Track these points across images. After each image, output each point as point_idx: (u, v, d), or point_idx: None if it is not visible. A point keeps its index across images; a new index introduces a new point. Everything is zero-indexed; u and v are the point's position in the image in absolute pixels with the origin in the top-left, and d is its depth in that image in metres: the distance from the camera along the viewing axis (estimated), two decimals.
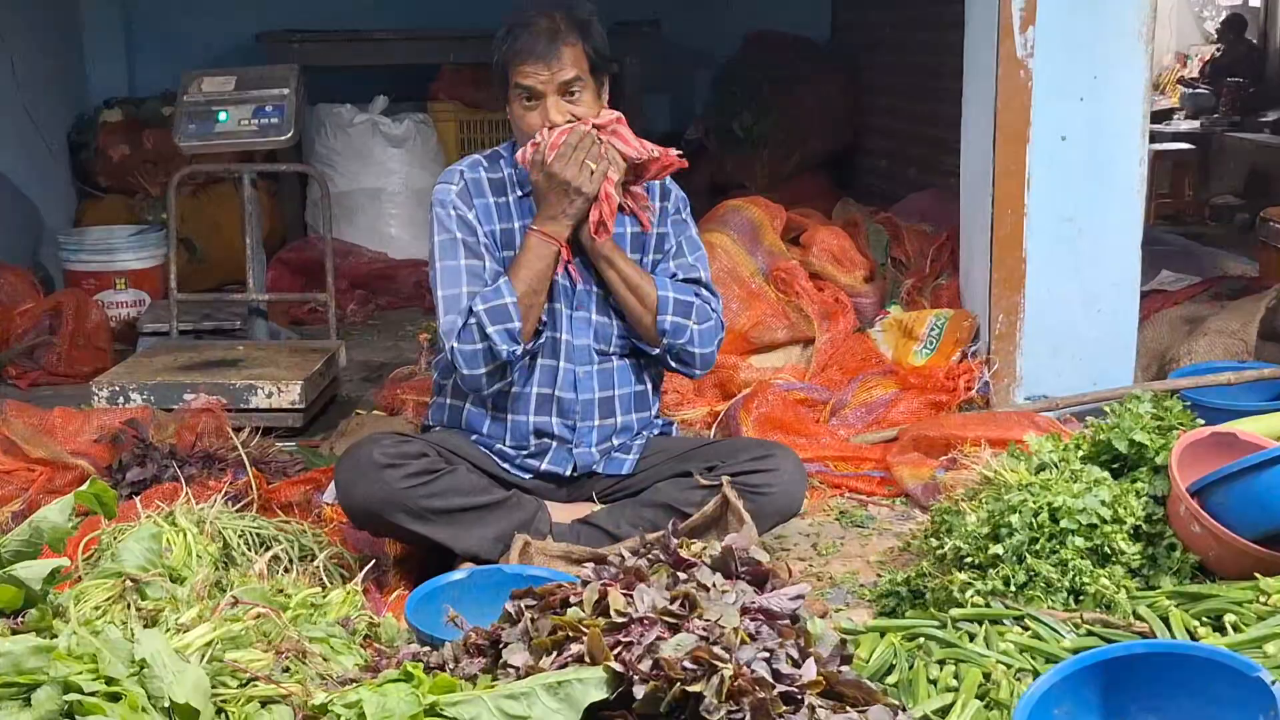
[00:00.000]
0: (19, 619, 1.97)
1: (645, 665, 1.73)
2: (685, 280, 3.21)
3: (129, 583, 2.14)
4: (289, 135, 5.02)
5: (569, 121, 2.98)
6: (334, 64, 6.78)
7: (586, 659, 1.81)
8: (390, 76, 6.96)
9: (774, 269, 4.76)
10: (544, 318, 3.12)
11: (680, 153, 3.10)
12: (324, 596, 2.54)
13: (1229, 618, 2.36)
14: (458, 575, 2.83)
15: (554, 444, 3.19)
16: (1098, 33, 3.88)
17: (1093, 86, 3.90)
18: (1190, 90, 9.68)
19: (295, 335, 5.37)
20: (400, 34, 7.20)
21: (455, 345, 3.08)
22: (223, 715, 1.84)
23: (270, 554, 2.74)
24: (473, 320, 3.04)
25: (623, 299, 3.12)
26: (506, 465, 3.18)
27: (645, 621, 1.83)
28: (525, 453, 3.19)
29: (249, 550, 2.77)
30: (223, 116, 4.99)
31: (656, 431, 3.34)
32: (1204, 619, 2.40)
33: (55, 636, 1.83)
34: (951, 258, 4.70)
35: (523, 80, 3.02)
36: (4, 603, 1.97)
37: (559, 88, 3.00)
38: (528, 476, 3.20)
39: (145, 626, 1.98)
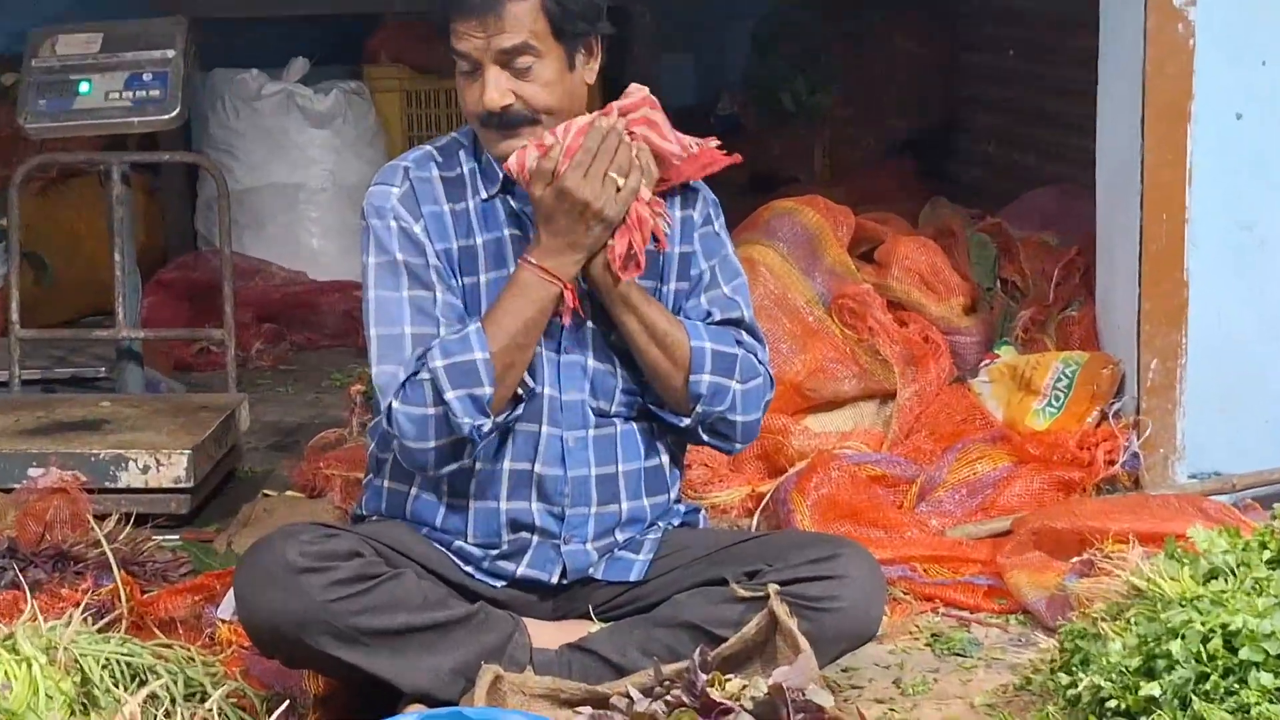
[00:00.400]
0: None
1: None
2: (722, 321, 3.20)
3: None
4: (174, 113, 5.05)
5: (505, 113, 2.95)
6: (235, 14, 6.84)
7: None
8: (312, 31, 7.06)
9: (839, 296, 4.75)
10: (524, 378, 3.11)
11: (720, 144, 3.08)
12: None
13: None
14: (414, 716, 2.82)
15: (535, 539, 3.14)
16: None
17: (1277, 47, 3.90)
18: None
19: (182, 387, 5.40)
20: None
21: (396, 406, 3.04)
22: None
23: (146, 691, 2.72)
24: (425, 376, 3.00)
25: (644, 353, 3.08)
26: (470, 569, 3.15)
27: None
28: (496, 552, 3.15)
29: (116, 686, 2.75)
30: (84, 88, 5.02)
31: (677, 522, 3.31)
32: None
33: None
34: (1085, 280, 4.69)
35: (456, 42, 3.00)
36: None
37: (497, 56, 2.95)
38: (500, 584, 3.16)
39: None
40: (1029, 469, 4.03)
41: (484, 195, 3.15)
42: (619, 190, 2.88)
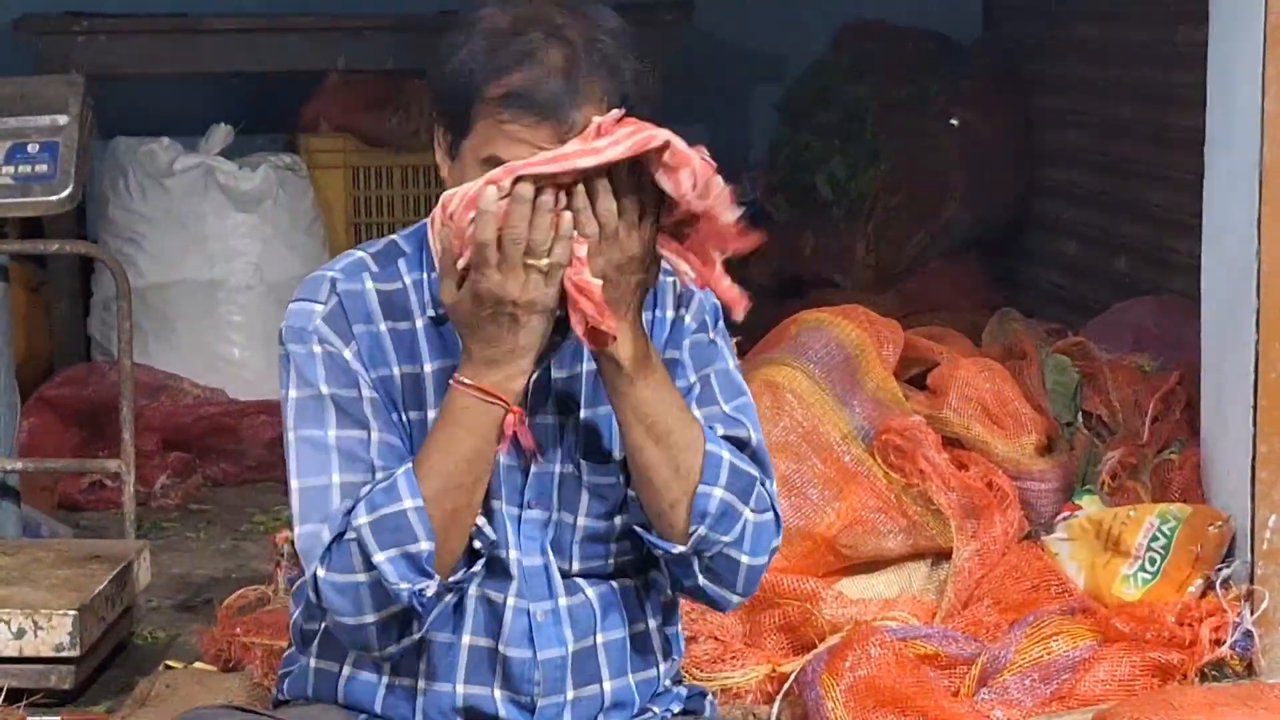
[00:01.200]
0: None
1: None
2: (726, 438, 3.16)
3: None
4: (66, 193, 5.09)
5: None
6: (143, 71, 6.92)
7: None
8: (238, 93, 7.12)
9: (883, 430, 4.72)
10: (480, 526, 3.04)
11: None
12: None
13: None
14: None
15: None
16: None
17: None
18: None
19: (68, 530, 5.41)
20: (255, 21, 7.37)
21: (321, 575, 2.98)
22: None
23: None
24: (350, 537, 2.92)
25: (638, 450, 2.94)
26: None
27: None
28: None
29: None
30: None
31: (677, 709, 3.28)
32: None
33: None
34: (1188, 416, 4.72)
35: (506, 149, 2.80)
36: None
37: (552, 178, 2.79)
38: None
39: None
40: (1117, 649, 3.99)
41: (432, 314, 3.05)
42: (545, 272, 2.71)
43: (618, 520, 3.06)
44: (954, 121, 7.70)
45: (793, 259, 7.58)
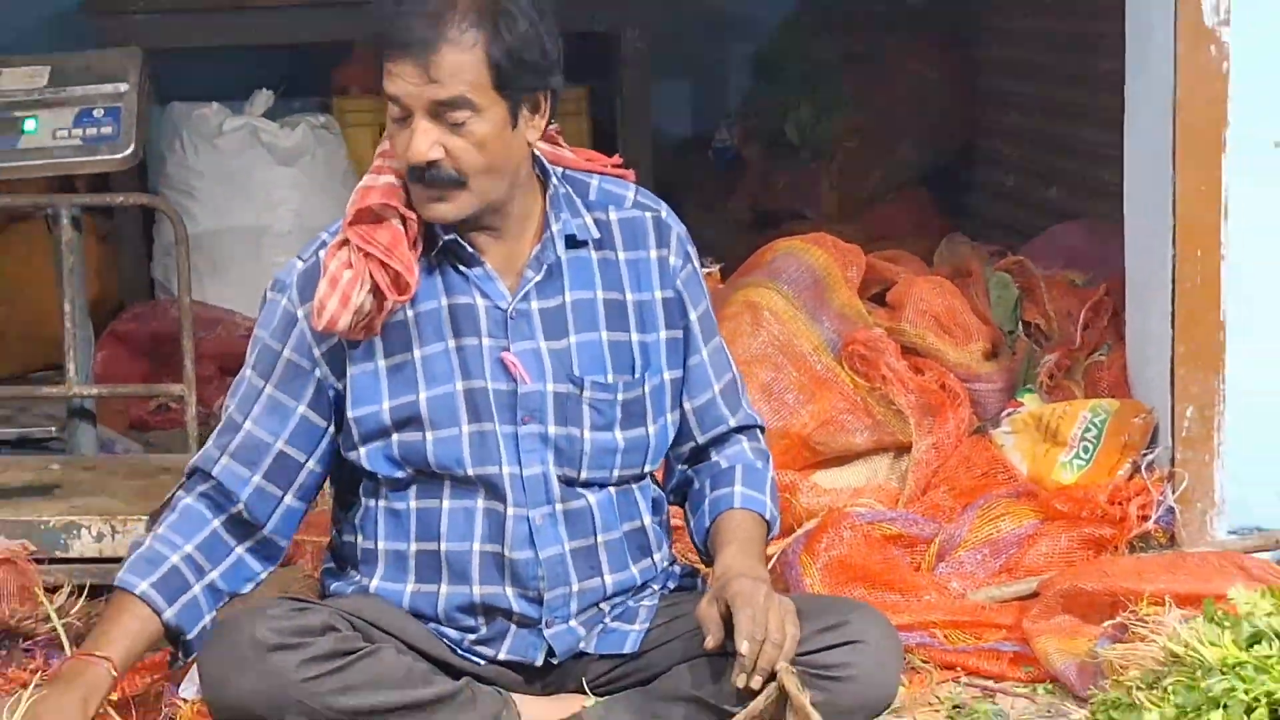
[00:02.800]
0: None
1: None
2: (724, 390, 3.27)
3: None
4: (128, 152, 5.05)
5: (431, 170, 2.87)
6: (194, 44, 6.91)
7: None
8: (278, 61, 7.12)
9: (849, 342, 4.71)
10: (465, 443, 3.09)
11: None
12: None
13: None
14: None
15: (513, 626, 3.12)
16: None
17: None
18: None
19: (139, 447, 5.41)
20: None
21: (182, 489, 3.16)
22: None
23: None
24: (200, 485, 3.14)
25: None
26: (452, 645, 3.17)
27: None
28: (473, 637, 3.14)
29: None
30: (30, 126, 5.02)
31: (674, 585, 3.30)
32: None
33: None
34: (1115, 323, 4.72)
35: (388, 84, 2.90)
36: None
37: (430, 106, 2.86)
38: (484, 662, 3.17)
39: None
40: (1056, 526, 4.03)
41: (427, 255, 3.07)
42: None
43: (619, 435, 3.11)
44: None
45: (767, 195, 7.57)
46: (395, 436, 3.09)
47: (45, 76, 5.12)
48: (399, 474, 3.10)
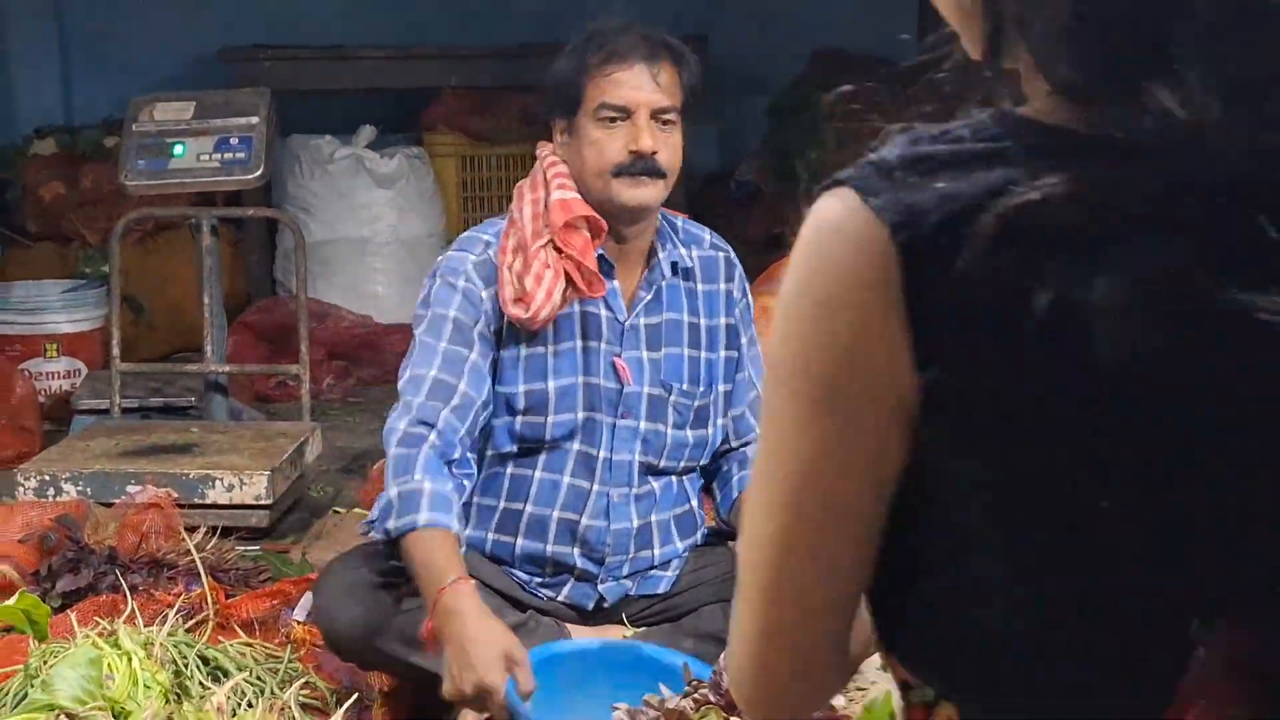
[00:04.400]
0: None
1: None
2: (753, 408, 3.23)
3: (64, 719, 2.15)
4: (258, 174, 5.08)
5: (651, 158, 2.92)
6: (311, 87, 6.87)
7: None
8: (378, 102, 7.08)
9: None
10: (576, 428, 3.09)
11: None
12: None
13: None
14: (586, 643, 2.92)
15: (573, 579, 3.14)
16: None
17: None
18: None
19: (261, 415, 5.41)
20: (390, 51, 7.25)
21: (392, 445, 3.04)
22: None
23: (230, 684, 2.73)
24: (394, 455, 3.00)
25: None
26: (521, 584, 3.17)
27: None
28: (538, 581, 3.16)
29: (205, 679, 2.76)
30: (178, 150, 5.05)
31: (702, 542, 3.30)
32: None
33: None
34: None
35: (613, 92, 2.91)
36: None
37: (653, 110, 2.92)
38: (544, 600, 3.17)
39: None
40: None
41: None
42: None
43: (689, 433, 3.14)
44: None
45: (779, 221, 7.53)
46: (520, 417, 3.10)
47: (191, 110, 5.15)
48: (508, 448, 3.12)
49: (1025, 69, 1.12)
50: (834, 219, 1.11)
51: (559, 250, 3.00)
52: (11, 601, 2.33)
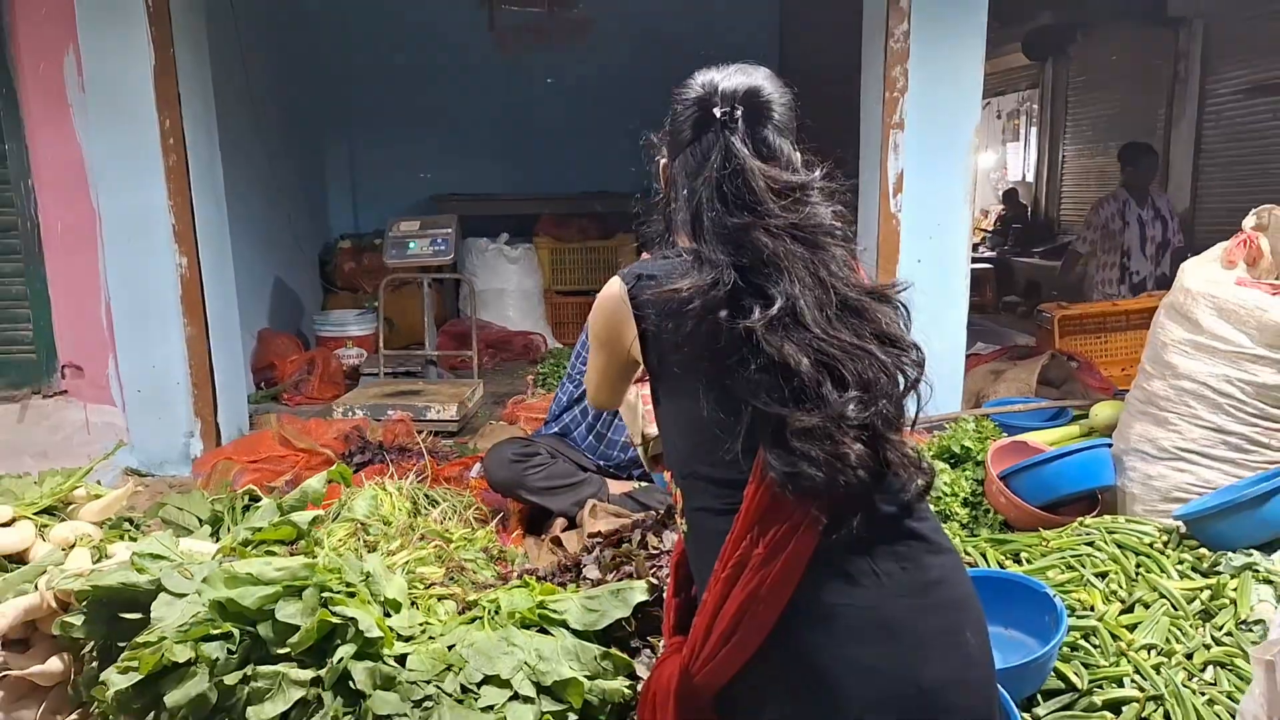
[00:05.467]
0: (293, 547, 1.99)
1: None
2: None
3: (359, 525, 2.15)
4: (450, 257, 5.09)
5: None
6: (476, 214, 6.81)
7: (635, 575, 1.80)
8: (510, 221, 6.99)
9: None
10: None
11: None
12: (473, 535, 2.55)
13: (1024, 555, 2.34)
14: None
15: (638, 469, 3.12)
16: (939, 197, 3.74)
17: (937, 229, 3.77)
18: (989, 232, 9.92)
19: (451, 376, 5.41)
20: (515, 196, 7.22)
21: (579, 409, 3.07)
22: (415, 605, 1.85)
23: (440, 508, 2.75)
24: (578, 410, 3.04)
25: None
26: (587, 460, 3.16)
27: (668, 554, 1.83)
28: (604, 463, 3.14)
29: (427, 506, 2.78)
30: (412, 245, 5.05)
31: None
32: (1007, 555, 2.38)
33: (315, 557, 1.85)
34: None
35: None
36: (285, 536, 1.99)
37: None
38: (596, 468, 3.16)
39: (369, 552, 1.99)
40: None
41: None
42: None
43: None
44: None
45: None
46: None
47: (418, 225, 5.15)
48: None
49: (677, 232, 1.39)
50: (612, 282, 1.41)
51: None
52: (334, 468, 2.33)
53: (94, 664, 1.64)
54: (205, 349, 3.81)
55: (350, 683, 1.47)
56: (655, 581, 1.74)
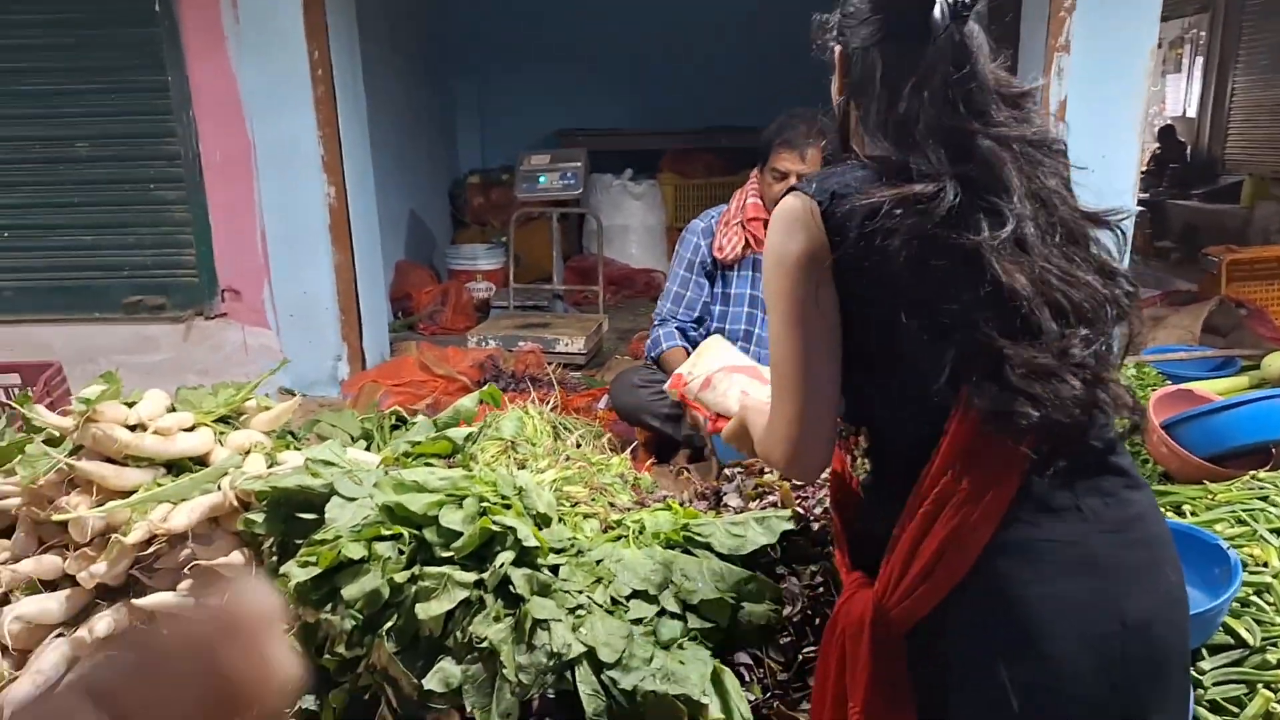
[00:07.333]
0: (449, 461, 2.08)
1: (817, 510, 1.73)
2: None
3: (508, 444, 2.23)
4: (578, 192, 5.13)
5: None
6: (602, 149, 6.82)
7: (779, 505, 1.81)
8: (634, 156, 6.97)
9: None
10: (742, 321, 3.00)
11: None
12: (607, 461, 2.61)
13: (1186, 508, 2.23)
14: None
15: None
16: (1106, 128, 3.51)
17: (1101, 163, 3.57)
18: (1142, 172, 9.30)
19: (578, 311, 5.50)
20: (640, 132, 7.19)
21: (655, 326, 3.07)
22: (562, 522, 1.92)
23: (577, 434, 2.81)
24: (658, 324, 3.02)
25: None
26: None
27: (814, 485, 1.83)
28: None
29: (565, 431, 2.85)
30: (542, 179, 5.12)
31: None
32: (1168, 507, 2.27)
33: (471, 471, 1.94)
34: None
35: (778, 164, 2.79)
36: (441, 450, 2.09)
37: (798, 174, 2.78)
38: None
39: (519, 469, 2.07)
40: None
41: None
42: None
43: None
44: None
45: None
46: (716, 318, 3.07)
47: (548, 159, 5.19)
48: (689, 321, 3.10)
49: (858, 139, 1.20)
50: (790, 203, 1.16)
51: (743, 225, 2.97)
52: (485, 388, 2.42)
53: (273, 558, 1.78)
54: (351, 276, 3.99)
55: (510, 587, 1.55)
56: (801, 511, 1.74)
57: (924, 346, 1.08)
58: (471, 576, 1.56)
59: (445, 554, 1.60)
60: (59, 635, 1.82)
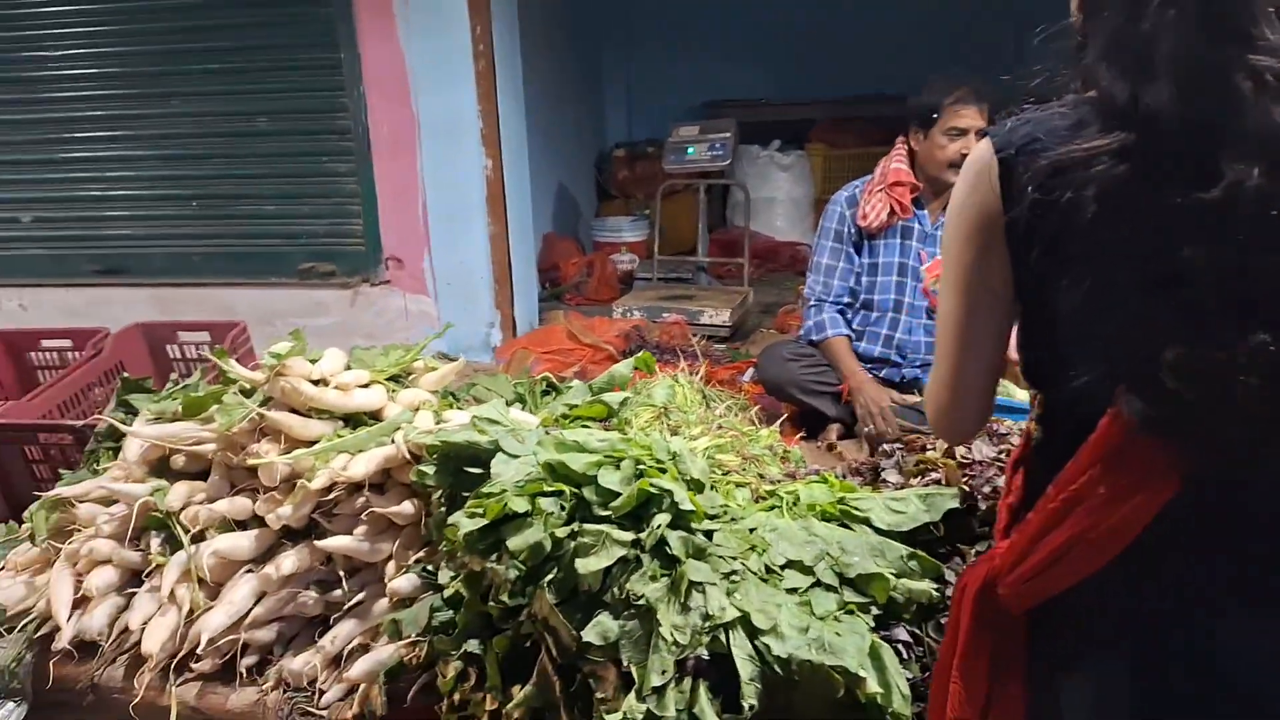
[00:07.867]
0: (605, 424, 2.14)
1: (986, 490, 1.68)
2: None
3: (661, 410, 2.27)
4: (727, 163, 5.10)
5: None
6: (750, 120, 6.73)
7: (943, 483, 1.77)
8: (783, 128, 6.86)
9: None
10: (892, 289, 2.96)
11: None
12: (756, 433, 2.60)
13: None
14: None
15: (887, 366, 3.04)
16: None
17: None
18: None
19: (719, 284, 5.49)
20: (789, 102, 7.06)
21: (811, 306, 3.03)
22: (714, 489, 1.93)
23: (724, 405, 2.82)
24: (814, 305, 3.00)
25: None
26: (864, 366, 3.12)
27: (982, 464, 1.77)
28: (869, 365, 3.09)
29: (714, 401, 2.86)
30: (691, 150, 5.11)
31: None
32: None
33: (626, 434, 1.98)
34: None
35: (957, 120, 2.73)
36: (597, 414, 2.15)
37: (976, 129, 2.74)
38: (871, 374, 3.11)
39: (672, 435, 2.10)
40: None
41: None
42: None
43: None
44: None
45: None
46: (864, 288, 3.03)
47: (697, 130, 5.18)
48: (845, 301, 3.06)
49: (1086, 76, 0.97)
50: (979, 150, 1.05)
51: (887, 192, 2.89)
52: (639, 355, 2.46)
53: (442, 508, 1.88)
54: (505, 247, 4.13)
55: (666, 548, 1.58)
56: (968, 489, 1.69)
57: (1090, 321, 0.95)
58: (629, 535, 1.60)
59: (603, 513, 1.64)
60: (249, 571, 1.98)
